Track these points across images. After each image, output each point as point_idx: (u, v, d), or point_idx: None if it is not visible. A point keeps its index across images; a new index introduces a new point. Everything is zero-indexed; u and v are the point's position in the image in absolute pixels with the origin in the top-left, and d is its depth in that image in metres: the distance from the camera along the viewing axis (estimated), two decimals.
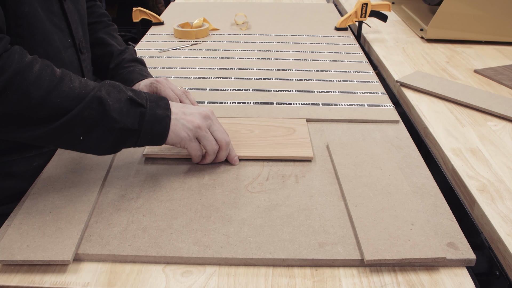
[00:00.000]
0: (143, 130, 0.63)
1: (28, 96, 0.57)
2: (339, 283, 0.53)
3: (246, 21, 1.50)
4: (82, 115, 0.59)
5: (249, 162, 0.73)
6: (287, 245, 0.57)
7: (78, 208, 0.61)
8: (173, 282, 0.53)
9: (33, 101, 0.57)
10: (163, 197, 0.65)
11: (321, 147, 0.78)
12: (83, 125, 0.60)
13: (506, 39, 1.34)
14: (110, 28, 0.96)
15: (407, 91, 1.03)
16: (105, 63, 0.91)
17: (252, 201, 0.64)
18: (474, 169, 0.74)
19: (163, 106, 0.66)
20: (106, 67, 0.90)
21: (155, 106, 0.65)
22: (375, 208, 0.62)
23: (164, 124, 0.65)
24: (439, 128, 0.87)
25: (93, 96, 0.60)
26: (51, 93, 0.58)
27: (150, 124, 0.64)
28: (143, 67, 0.92)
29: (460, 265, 0.55)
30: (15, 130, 0.59)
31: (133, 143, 0.64)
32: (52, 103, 0.58)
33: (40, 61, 0.60)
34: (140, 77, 0.87)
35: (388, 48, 1.31)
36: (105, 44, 0.92)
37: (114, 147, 0.64)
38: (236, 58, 1.18)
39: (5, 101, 0.56)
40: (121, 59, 0.90)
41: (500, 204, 0.66)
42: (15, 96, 0.56)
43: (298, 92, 0.98)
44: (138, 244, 0.57)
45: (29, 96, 0.57)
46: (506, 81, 1.07)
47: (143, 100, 0.64)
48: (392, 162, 0.72)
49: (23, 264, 0.54)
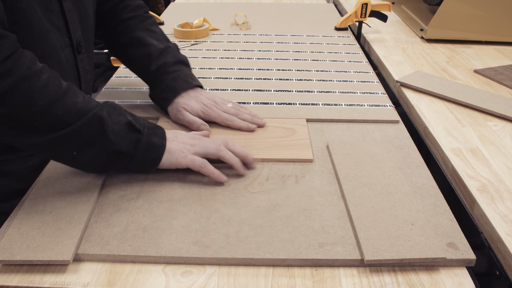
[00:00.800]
0: (136, 155, 0.65)
1: (31, 103, 0.57)
2: (339, 283, 0.53)
3: (246, 21, 1.50)
4: (80, 131, 0.60)
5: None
6: (287, 245, 0.57)
7: (78, 208, 0.61)
8: (173, 282, 0.53)
9: (35, 109, 0.57)
10: (163, 197, 0.65)
11: (321, 147, 0.78)
12: (79, 140, 0.60)
13: (506, 39, 1.34)
14: (147, 22, 0.89)
15: (407, 91, 1.03)
16: (145, 65, 0.85)
17: (252, 201, 0.64)
18: (474, 169, 0.74)
19: (160, 135, 0.67)
20: (147, 70, 0.85)
21: (152, 134, 0.66)
22: (375, 208, 0.62)
23: (158, 152, 0.67)
24: (439, 128, 0.87)
25: (95, 114, 0.61)
26: (54, 104, 0.58)
27: (143, 150, 0.65)
28: (187, 71, 0.87)
29: (460, 265, 0.55)
30: (13, 134, 0.59)
31: (123, 166, 0.66)
32: (53, 114, 0.58)
33: (49, 71, 0.60)
34: (184, 85, 0.83)
35: (388, 48, 1.31)
36: (143, 44, 0.86)
37: (104, 167, 0.65)
38: (236, 58, 1.18)
39: (7, 103, 0.56)
40: (164, 62, 0.84)
41: (500, 204, 0.66)
42: (18, 100, 0.56)
43: (298, 92, 0.98)
44: (138, 244, 0.57)
45: (32, 103, 0.57)
46: (506, 81, 1.07)
47: (141, 126, 0.65)
48: (392, 162, 0.72)
49: (23, 264, 0.54)
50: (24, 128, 0.58)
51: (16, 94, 0.56)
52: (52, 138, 0.59)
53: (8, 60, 0.56)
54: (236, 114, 0.82)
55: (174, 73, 0.84)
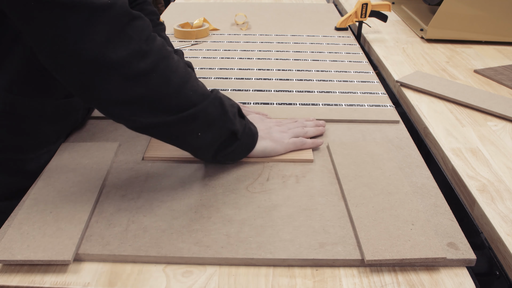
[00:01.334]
0: (242, 140, 0.68)
1: (168, 83, 0.58)
2: (340, 283, 0.53)
3: (246, 21, 1.50)
4: (206, 110, 0.61)
5: (250, 162, 0.73)
6: (288, 245, 0.57)
7: (78, 208, 0.62)
8: (173, 282, 0.53)
9: (171, 88, 0.58)
10: (163, 197, 0.65)
11: (321, 147, 0.78)
12: (204, 120, 0.62)
13: (506, 39, 1.34)
14: (157, 29, 0.93)
15: (407, 91, 1.03)
16: None
17: (252, 201, 0.64)
18: (474, 169, 0.74)
19: (253, 124, 0.72)
20: None
21: (249, 121, 0.71)
22: (375, 208, 0.62)
23: (254, 139, 0.71)
24: (439, 128, 0.87)
25: (216, 95, 0.64)
26: (186, 84, 0.60)
27: (246, 136, 0.69)
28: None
29: (460, 265, 0.56)
30: (144, 115, 0.58)
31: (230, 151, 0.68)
32: (184, 94, 0.60)
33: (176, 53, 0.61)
34: None
35: (388, 48, 1.31)
36: None
37: (216, 151, 0.67)
38: (236, 58, 1.18)
39: (147, 83, 0.56)
40: None
41: (500, 204, 0.66)
42: (158, 80, 0.57)
43: (298, 92, 0.98)
44: (138, 244, 0.57)
45: (169, 83, 0.58)
46: (506, 81, 1.07)
47: (243, 113, 0.70)
48: (392, 162, 0.72)
49: (24, 264, 0.54)
50: (157, 108, 0.58)
51: (157, 74, 0.56)
52: (182, 118, 0.60)
53: (149, 40, 0.56)
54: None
55: None
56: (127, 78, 0.55)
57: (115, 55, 0.53)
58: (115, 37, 0.53)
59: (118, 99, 0.56)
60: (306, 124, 0.80)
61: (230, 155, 0.69)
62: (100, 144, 0.76)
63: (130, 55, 0.54)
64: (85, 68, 0.53)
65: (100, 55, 0.52)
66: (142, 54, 0.55)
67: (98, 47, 0.52)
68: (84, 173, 0.69)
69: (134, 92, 0.56)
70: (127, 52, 0.54)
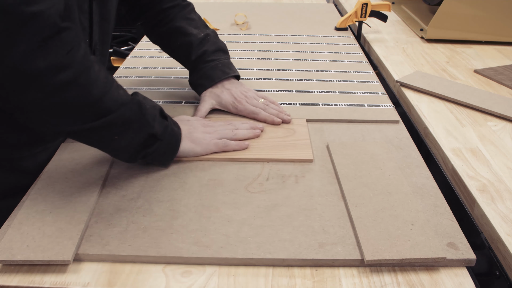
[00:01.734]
0: (164, 140, 0.68)
1: (87, 95, 0.58)
2: (339, 283, 0.53)
3: (246, 21, 1.50)
4: (124, 116, 0.62)
5: (249, 162, 0.73)
6: (287, 245, 0.57)
7: (78, 208, 0.61)
8: (173, 282, 0.53)
9: (90, 99, 0.58)
10: (163, 197, 0.65)
11: (321, 147, 0.78)
12: (121, 125, 0.62)
13: (506, 39, 1.34)
14: (186, 11, 0.93)
15: (407, 91, 1.03)
16: (185, 53, 0.90)
17: (252, 201, 0.64)
18: (474, 169, 0.74)
19: (177, 125, 0.72)
20: (188, 58, 0.90)
21: (173, 123, 0.71)
22: (375, 208, 0.62)
23: (177, 140, 0.71)
24: (439, 128, 0.87)
25: (134, 99, 0.64)
26: (106, 95, 0.60)
27: (169, 136, 0.69)
28: (226, 59, 0.91)
29: (460, 265, 0.55)
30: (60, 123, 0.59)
31: (149, 153, 0.67)
32: (103, 103, 0.60)
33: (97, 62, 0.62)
34: (221, 75, 0.88)
35: (388, 48, 1.31)
36: (183, 34, 0.90)
37: (136, 153, 0.66)
38: (236, 58, 1.18)
39: (64, 95, 0.56)
40: (204, 50, 0.89)
41: (500, 204, 0.66)
42: (76, 92, 0.57)
43: (298, 92, 0.98)
44: (138, 244, 0.57)
45: (88, 95, 0.58)
46: (506, 81, 1.07)
47: (166, 114, 0.70)
48: (392, 162, 0.72)
49: (23, 264, 0.54)
50: (73, 117, 0.59)
51: (74, 86, 0.57)
52: (98, 125, 0.60)
53: (71, 53, 0.56)
54: (264, 109, 0.86)
55: (213, 62, 0.89)
56: (45, 89, 0.55)
57: (34, 66, 0.53)
58: (34, 49, 0.53)
59: (38, 107, 0.57)
60: (239, 127, 0.79)
61: (153, 155, 0.68)
62: None
63: (48, 68, 0.54)
64: (6, 76, 0.53)
65: (18, 65, 0.52)
66: (62, 67, 0.55)
67: (17, 57, 0.52)
68: (83, 173, 0.69)
69: (53, 102, 0.56)
70: (45, 65, 0.54)
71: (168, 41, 0.93)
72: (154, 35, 0.95)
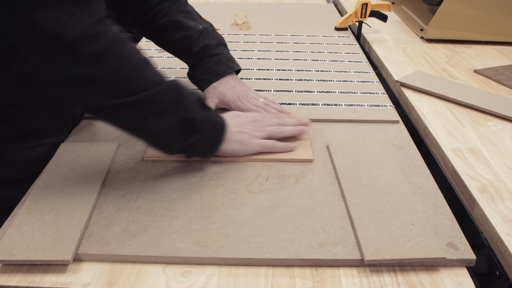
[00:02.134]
0: (204, 130, 0.66)
1: (119, 68, 0.58)
2: (339, 283, 0.53)
3: (246, 21, 1.50)
4: (158, 96, 0.61)
5: (249, 162, 0.73)
6: (287, 245, 0.57)
7: (78, 208, 0.61)
8: (173, 282, 0.53)
9: (122, 74, 0.58)
10: (163, 197, 0.65)
11: (321, 147, 0.78)
12: (157, 106, 0.61)
13: (506, 39, 1.34)
14: (180, 3, 0.92)
15: (407, 91, 1.03)
16: (185, 46, 0.89)
17: (252, 201, 0.64)
18: (474, 169, 0.74)
19: (221, 117, 0.70)
20: (188, 52, 0.89)
21: (216, 114, 0.69)
22: (375, 208, 0.62)
23: (221, 131, 0.69)
24: (439, 128, 0.87)
25: (172, 83, 0.63)
26: (140, 71, 0.60)
27: (211, 126, 0.67)
28: (228, 53, 0.91)
29: (460, 265, 0.55)
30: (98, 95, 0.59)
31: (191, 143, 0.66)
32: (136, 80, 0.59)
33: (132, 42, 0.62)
34: (226, 69, 0.88)
35: (388, 48, 1.31)
36: (181, 27, 0.88)
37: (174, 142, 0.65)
38: (236, 58, 1.18)
39: (98, 65, 0.56)
40: (206, 44, 0.88)
41: (500, 204, 0.66)
42: (108, 64, 0.57)
43: (298, 92, 0.98)
44: (138, 244, 0.57)
45: (120, 68, 0.58)
46: (506, 81, 1.07)
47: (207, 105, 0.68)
48: (392, 162, 0.72)
49: (23, 264, 0.54)
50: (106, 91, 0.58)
51: (107, 58, 0.57)
52: (130, 101, 0.59)
53: (101, 24, 0.56)
54: (264, 108, 0.86)
55: (217, 56, 0.88)
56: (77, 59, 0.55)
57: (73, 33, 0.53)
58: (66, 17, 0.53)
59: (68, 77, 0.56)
60: (286, 122, 0.78)
61: (196, 147, 0.67)
62: (99, 144, 0.76)
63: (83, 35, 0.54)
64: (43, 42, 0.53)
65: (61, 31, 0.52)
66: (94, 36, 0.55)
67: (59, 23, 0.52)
68: (83, 173, 0.69)
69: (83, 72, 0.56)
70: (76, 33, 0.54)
71: (164, 36, 0.91)
72: (148, 31, 0.93)
